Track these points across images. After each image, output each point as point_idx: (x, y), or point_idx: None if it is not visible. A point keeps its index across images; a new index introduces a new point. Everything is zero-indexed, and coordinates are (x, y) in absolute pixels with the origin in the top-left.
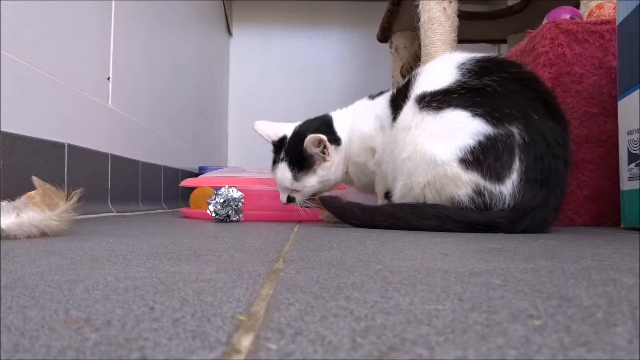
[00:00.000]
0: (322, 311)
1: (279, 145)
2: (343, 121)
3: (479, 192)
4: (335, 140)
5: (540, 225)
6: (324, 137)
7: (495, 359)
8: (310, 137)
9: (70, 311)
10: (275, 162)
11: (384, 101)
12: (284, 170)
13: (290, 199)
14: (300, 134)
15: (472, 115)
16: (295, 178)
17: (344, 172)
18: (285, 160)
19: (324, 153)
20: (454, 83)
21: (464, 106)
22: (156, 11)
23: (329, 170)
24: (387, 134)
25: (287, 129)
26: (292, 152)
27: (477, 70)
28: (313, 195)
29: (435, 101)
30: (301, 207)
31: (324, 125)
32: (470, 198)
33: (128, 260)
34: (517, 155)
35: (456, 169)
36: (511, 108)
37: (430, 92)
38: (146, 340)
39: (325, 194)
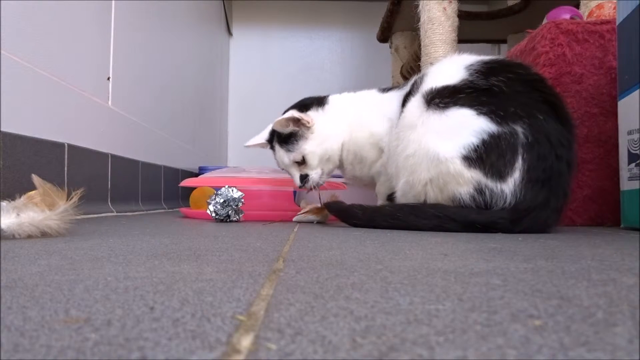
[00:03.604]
0: (322, 311)
1: (272, 138)
2: (348, 102)
3: (480, 190)
4: (318, 104)
5: (540, 226)
6: (290, 114)
7: (495, 359)
8: (276, 121)
9: (70, 311)
10: (274, 153)
11: (397, 104)
12: (278, 150)
13: (304, 178)
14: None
15: (477, 114)
16: (289, 150)
17: (342, 138)
18: (276, 142)
19: (301, 125)
20: (461, 82)
21: (470, 105)
22: (156, 11)
23: (319, 132)
24: (392, 133)
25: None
26: (279, 134)
27: (484, 71)
28: (323, 165)
29: (443, 103)
30: (316, 187)
31: (307, 99)
32: (472, 196)
33: (128, 260)
34: (520, 154)
35: (459, 167)
36: (516, 107)
37: (438, 88)
38: (146, 340)
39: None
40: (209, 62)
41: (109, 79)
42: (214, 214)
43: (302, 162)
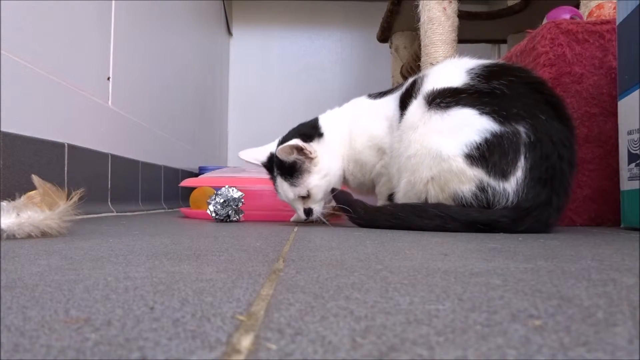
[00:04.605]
0: (322, 311)
1: (270, 165)
2: (337, 119)
3: (482, 188)
4: (317, 135)
5: (542, 225)
6: (294, 142)
7: (495, 359)
8: (280, 149)
9: (70, 311)
10: (273, 182)
11: (394, 103)
12: (281, 183)
13: (309, 212)
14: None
15: (480, 113)
16: (294, 184)
17: (342, 163)
18: (278, 174)
19: (304, 155)
20: (463, 85)
21: (472, 105)
22: (156, 11)
23: (322, 165)
24: (394, 135)
25: (273, 147)
26: (281, 164)
27: (486, 75)
28: (325, 197)
29: (444, 103)
30: (322, 219)
31: (303, 127)
32: (474, 194)
33: (128, 260)
34: (523, 153)
35: (461, 164)
36: (519, 108)
37: (439, 89)
38: (146, 340)
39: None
40: (209, 62)
41: (109, 79)
42: (214, 214)
43: (306, 196)
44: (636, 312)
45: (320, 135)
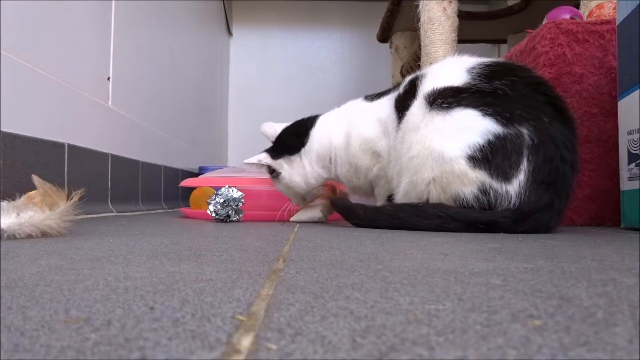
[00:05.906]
0: (322, 311)
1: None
2: (334, 123)
3: (484, 190)
4: (291, 150)
5: (543, 227)
6: (257, 159)
7: (495, 359)
8: (246, 161)
9: (70, 311)
10: None
11: (388, 105)
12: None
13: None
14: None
15: (483, 115)
16: (274, 182)
17: (316, 174)
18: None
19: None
20: (464, 85)
21: (475, 106)
22: (156, 11)
23: (287, 178)
24: (394, 137)
25: (282, 127)
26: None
27: (487, 74)
28: (307, 199)
29: (446, 103)
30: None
31: (289, 136)
32: (475, 196)
33: (128, 260)
34: (526, 155)
35: (464, 166)
36: (522, 109)
37: (440, 89)
38: (146, 340)
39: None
40: (209, 62)
41: (109, 79)
42: (214, 214)
43: None
44: (636, 312)
45: (296, 148)
